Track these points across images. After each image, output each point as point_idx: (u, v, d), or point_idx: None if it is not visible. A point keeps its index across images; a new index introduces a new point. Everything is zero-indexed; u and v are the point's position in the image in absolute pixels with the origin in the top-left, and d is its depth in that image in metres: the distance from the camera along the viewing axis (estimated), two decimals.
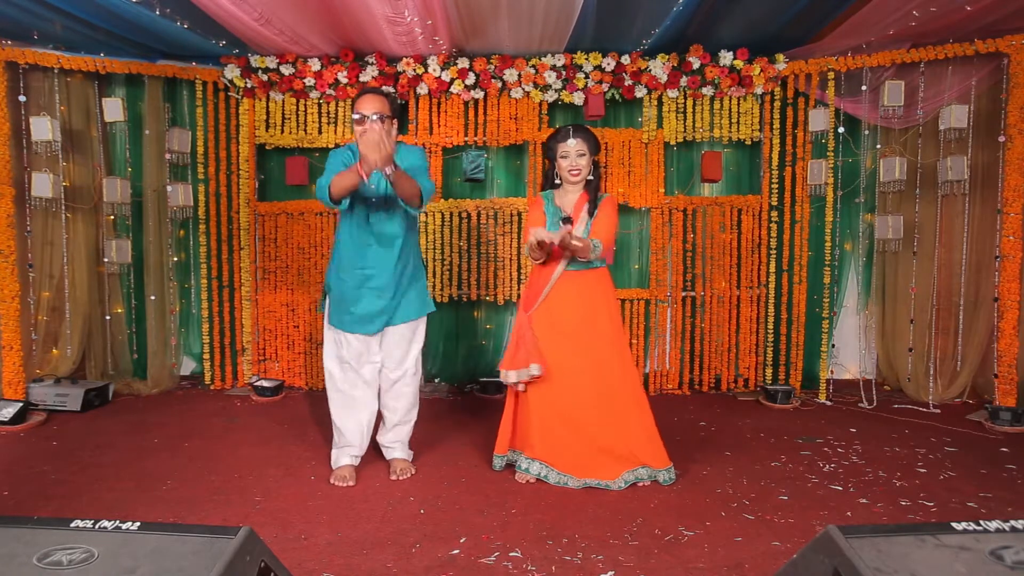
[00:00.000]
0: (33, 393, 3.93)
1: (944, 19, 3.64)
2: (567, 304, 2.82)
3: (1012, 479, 2.90)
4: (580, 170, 2.82)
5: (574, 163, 2.81)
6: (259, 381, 4.37)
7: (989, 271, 4.04)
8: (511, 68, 4.30)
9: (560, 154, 2.83)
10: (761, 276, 4.50)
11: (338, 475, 2.89)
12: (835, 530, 1.24)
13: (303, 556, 2.19)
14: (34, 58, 3.90)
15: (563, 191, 2.91)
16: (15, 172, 3.89)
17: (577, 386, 2.80)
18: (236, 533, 1.26)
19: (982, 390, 4.23)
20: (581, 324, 2.81)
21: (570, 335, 2.81)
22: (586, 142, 2.81)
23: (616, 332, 2.87)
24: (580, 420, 2.80)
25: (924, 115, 4.13)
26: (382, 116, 2.73)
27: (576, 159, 2.81)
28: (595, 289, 2.85)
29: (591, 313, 2.83)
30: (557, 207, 2.87)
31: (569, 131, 2.82)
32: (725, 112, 4.40)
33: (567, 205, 2.87)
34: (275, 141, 4.50)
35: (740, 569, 2.11)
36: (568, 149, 2.81)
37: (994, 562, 1.16)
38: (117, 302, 4.50)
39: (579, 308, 2.82)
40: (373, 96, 2.77)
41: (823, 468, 3.05)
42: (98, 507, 2.60)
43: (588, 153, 2.82)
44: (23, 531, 1.26)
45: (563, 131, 2.84)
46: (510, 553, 2.21)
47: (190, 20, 3.63)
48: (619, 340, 2.88)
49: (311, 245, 4.55)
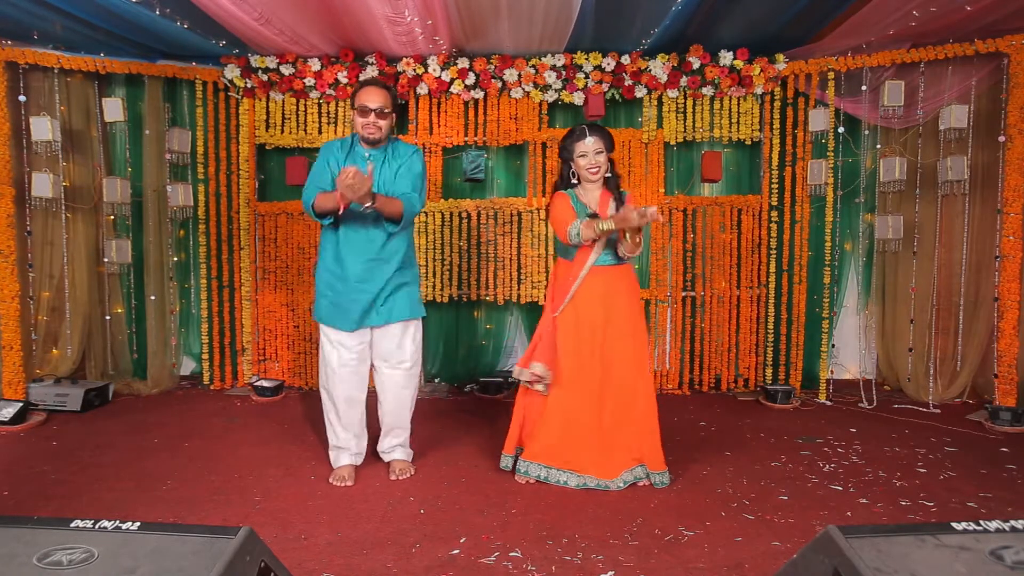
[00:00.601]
0: (33, 393, 3.93)
1: (944, 19, 3.64)
2: (594, 300, 2.83)
3: (1012, 479, 2.90)
4: (599, 167, 2.84)
5: (593, 161, 2.83)
6: (259, 381, 4.37)
7: (989, 271, 4.04)
8: (511, 68, 4.30)
9: (578, 153, 2.85)
10: (761, 276, 4.50)
11: (337, 475, 2.89)
12: (835, 530, 1.24)
13: (303, 556, 2.19)
14: (34, 58, 3.90)
15: (583, 190, 2.93)
16: (15, 172, 3.89)
17: (596, 385, 2.81)
18: (236, 533, 1.26)
19: (982, 390, 4.23)
20: (606, 321, 2.83)
21: (595, 331, 2.82)
22: (603, 139, 2.84)
23: (639, 330, 2.89)
24: (595, 419, 2.80)
25: (924, 115, 4.13)
26: (382, 110, 2.75)
27: (595, 157, 2.83)
28: (623, 285, 2.88)
29: (617, 309, 2.85)
30: (583, 204, 2.89)
31: (585, 130, 2.84)
32: (725, 112, 4.40)
33: (591, 203, 2.88)
34: (275, 141, 4.50)
35: (740, 569, 2.11)
36: (586, 148, 2.83)
37: (994, 562, 1.16)
38: (117, 302, 4.50)
39: (606, 304, 2.84)
40: (377, 89, 2.77)
41: (823, 468, 3.05)
42: (98, 507, 2.60)
43: (605, 150, 2.85)
44: (23, 531, 1.26)
45: (579, 130, 2.86)
46: (510, 553, 2.22)
47: (190, 20, 3.63)
48: (641, 338, 2.90)
49: (311, 245, 4.55)
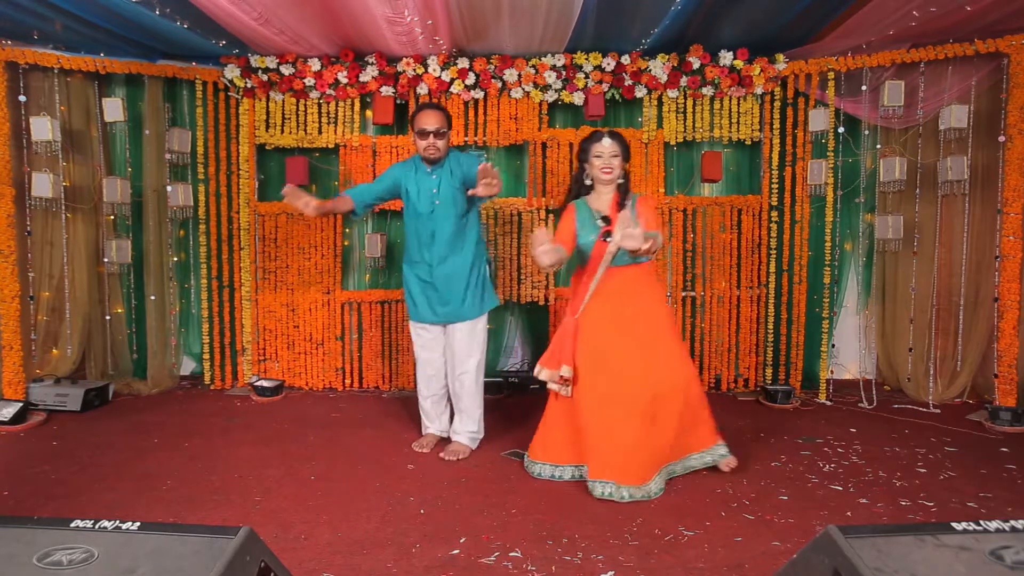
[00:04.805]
0: (33, 393, 3.93)
1: (944, 19, 3.64)
2: (612, 300, 2.85)
3: (1012, 479, 2.90)
4: (613, 169, 2.90)
5: (607, 162, 2.89)
6: (259, 381, 4.37)
7: (989, 271, 4.04)
8: (511, 68, 4.30)
9: (594, 154, 2.92)
10: (761, 276, 4.50)
11: (419, 441, 3.36)
12: (835, 530, 1.25)
13: (303, 556, 2.19)
14: (34, 58, 3.90)
15: (596, 195, 2.97)
16: (15, 172, 3.89)
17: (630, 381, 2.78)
18: (236, 533, 1.26)
19: (982, 390, 4.23)
20: (629, 320, 2.84)
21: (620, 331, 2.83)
22: (619, 145, 2.92)
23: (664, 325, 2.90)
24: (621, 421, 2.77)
25: (924, 115, 4.13)
26: (439, 130, 3.09)
27: (610, 159, 2.89)
28: (640, 284, 2.91)
29: (638, 307, 2.86)
30: (594, 209, 2.93)
31: (604, 133, 2.93)
32: (725, 112, 4.40)
33: (602, 207, 2.93)
34: (275, 141, 4.50)
35: (740, 569, 2.11)
36: (603, 149, 2.90)
37: (994, 562, 1.16)
38: (117, 302, 4.50)
39: (626, 303, 2.85)
40: (433, 112, 3.11)
41: (823, 468, 3.05)
42: (98, 507, 2.60)
43: (621, 156, 2.92)
44: (23, 531, 1.26)
45: (598, 133, 2.95)
46: (510, 553, 2.22)
47: (190, 20, 3.63)
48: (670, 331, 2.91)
49: (311, 245, 4.55)
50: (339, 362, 4.59)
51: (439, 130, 3.08)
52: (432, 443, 3.35)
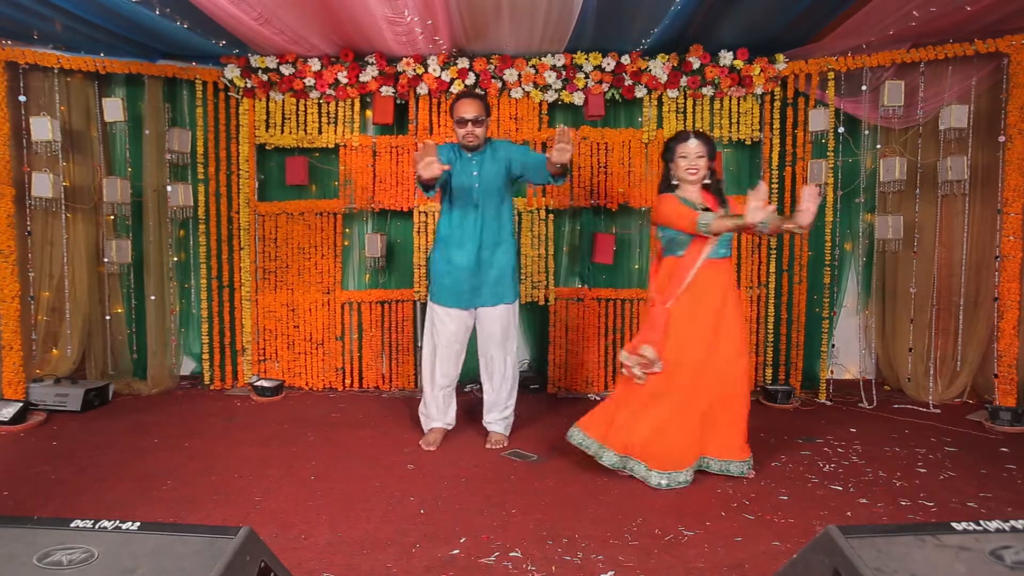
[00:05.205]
0: (33, 393, 3.93)
1: (944, 19, 3.64)
2: (706, 293, 2.87)
3: (1012, 479, 2.91)
4: (698, 170, 2.92)
5: (693, 163, 2.91)
6: (259, 381, 4.37)
7: (989, 271, 4.04)
8: (511, 68, 4.30)
9: (679, 154, 2.94)
10: (761, 276, 4.50)
11: (425, 439, 3.34)
12: (835, 530, 1.25)
13: (303, 556, 2.19)
14: (34, 58, 3.90)
15: (683, 192, 2.98)
16: (15, 172, 3.89)
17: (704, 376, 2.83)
18: (236, 533, 1.26)
19: (982, 390, 4.23)
20: (717, 314, 2.87)
21: (708, 325, 2.86)
22: (705, 145, 2.93)
23: (743, 323, 3.01)
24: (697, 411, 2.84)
25: (924, 115, 4.13)
26: (478, 118, 3.14)
27: (695, 160, 2.91)
28: (729, 278, 2.95)
29: (726, 302, 2.90)
30: (691, 202, 2.93)
31: (690, 133, 2.96)
32: (725, 112, 4.40)
33: (696, 203, 2.93)
34: (275, 141, 4.50)
35: (740, 569, 2.11)
36: (688, 150, 2.92)
37: (994, 562, 1.17)
38: (117, 302, 4.50)
39: (717, 297, 2.88)
40: (471, 100, 3.16)
41: (823, 468, 3.05)
42: (98, 507, 2.60)
43: (706, 156, 2.93)
44: (23, 531, 1.26)
45: (684, 133, 2.99)
46: (510, 553, 2.22)
47: (190, 20, 3.63)
48: (745, 331, 3.02)
49: (311, 245, 4.55)
50: (339, 362, 4.59)
51: (477, 118, 3.14)
52: (440, 438, 3.37)
